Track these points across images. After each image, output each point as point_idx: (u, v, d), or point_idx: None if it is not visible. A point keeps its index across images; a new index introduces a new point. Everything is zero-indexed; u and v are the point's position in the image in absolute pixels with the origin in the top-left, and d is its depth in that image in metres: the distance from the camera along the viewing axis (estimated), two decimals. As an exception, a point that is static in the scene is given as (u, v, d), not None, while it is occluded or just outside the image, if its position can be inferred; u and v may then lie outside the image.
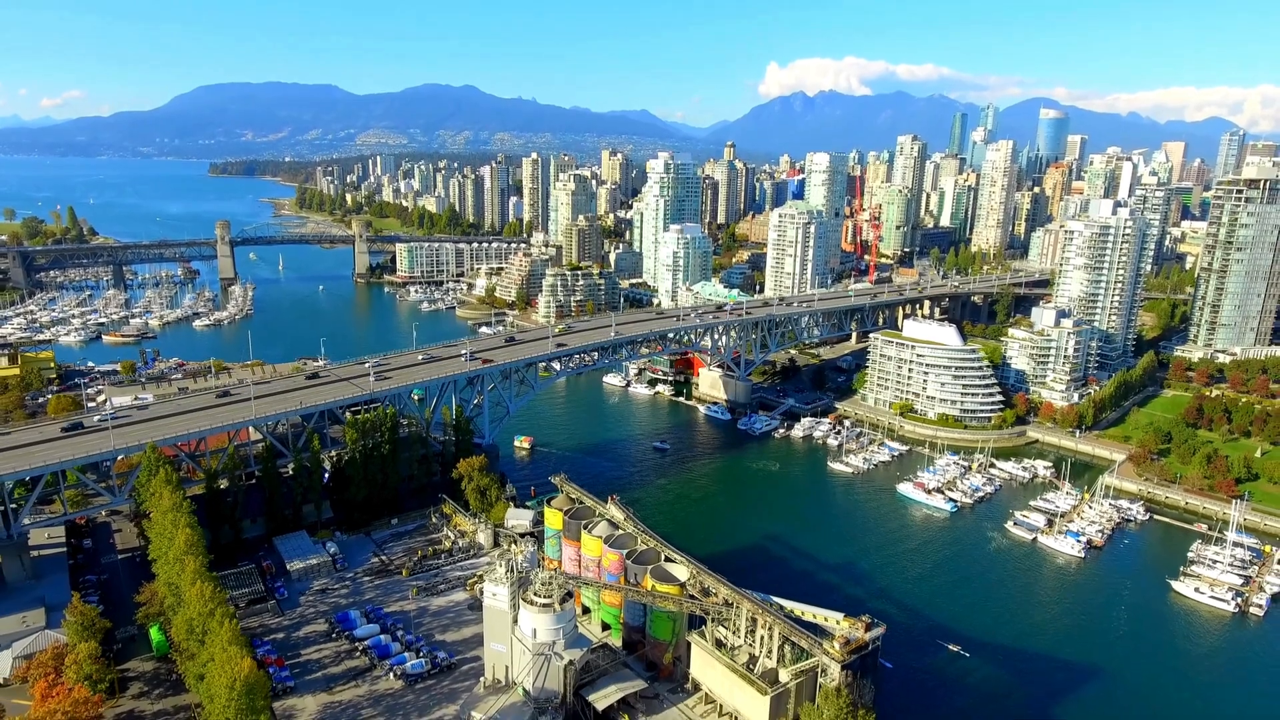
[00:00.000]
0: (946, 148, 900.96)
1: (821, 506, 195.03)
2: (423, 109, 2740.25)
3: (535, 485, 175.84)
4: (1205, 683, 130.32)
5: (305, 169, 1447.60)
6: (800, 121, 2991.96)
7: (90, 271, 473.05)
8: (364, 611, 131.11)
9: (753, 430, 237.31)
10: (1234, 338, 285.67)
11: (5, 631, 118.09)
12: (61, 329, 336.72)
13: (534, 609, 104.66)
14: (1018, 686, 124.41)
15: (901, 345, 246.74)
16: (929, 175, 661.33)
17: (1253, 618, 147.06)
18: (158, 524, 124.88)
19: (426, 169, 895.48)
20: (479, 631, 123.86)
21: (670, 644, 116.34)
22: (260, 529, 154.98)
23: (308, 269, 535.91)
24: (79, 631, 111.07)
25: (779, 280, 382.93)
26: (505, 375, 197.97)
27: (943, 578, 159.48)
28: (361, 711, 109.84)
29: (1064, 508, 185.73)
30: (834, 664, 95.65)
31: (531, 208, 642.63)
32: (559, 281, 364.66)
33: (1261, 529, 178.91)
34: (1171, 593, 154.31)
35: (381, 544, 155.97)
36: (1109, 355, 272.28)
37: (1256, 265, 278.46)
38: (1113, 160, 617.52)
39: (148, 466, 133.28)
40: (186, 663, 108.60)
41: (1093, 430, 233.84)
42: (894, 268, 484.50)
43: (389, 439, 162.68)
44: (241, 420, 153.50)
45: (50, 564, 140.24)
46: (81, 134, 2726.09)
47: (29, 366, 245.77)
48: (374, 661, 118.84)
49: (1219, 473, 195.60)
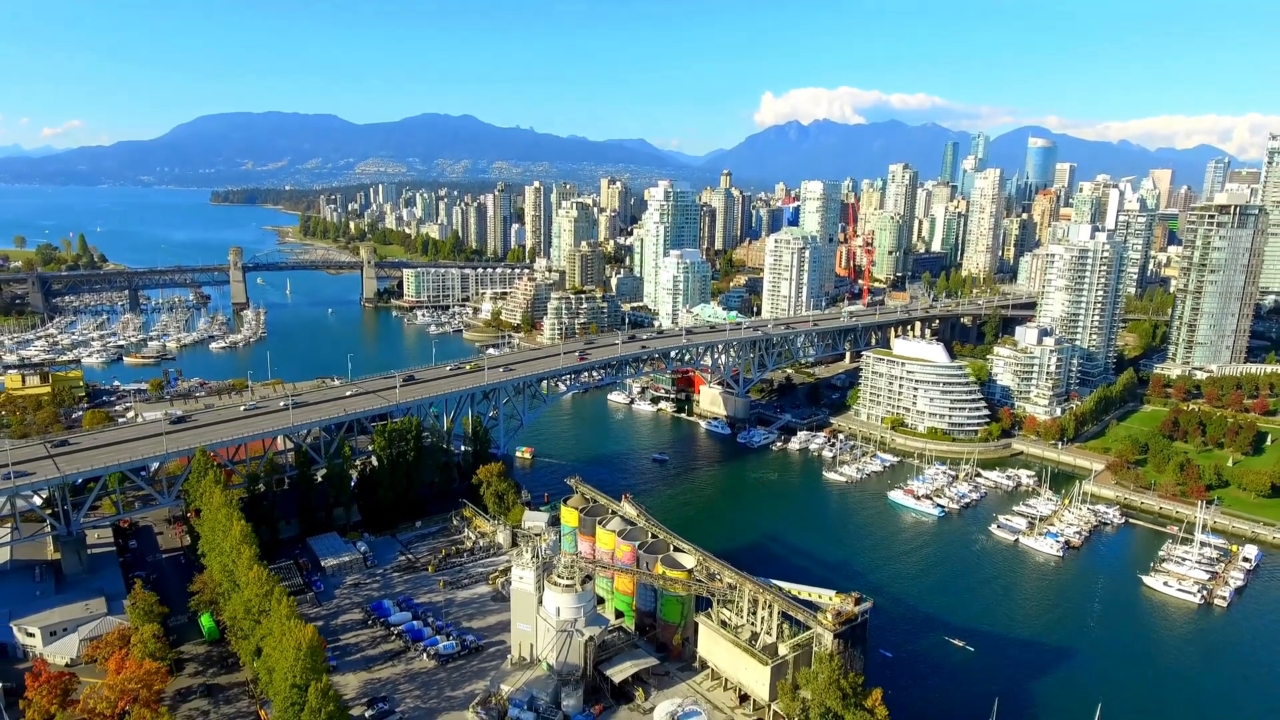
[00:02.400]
0: (939, 175, 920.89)
1: (817, 511, 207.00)
2: (422, 138, 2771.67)
3: (548, 492, 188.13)
4: (1170, 662, 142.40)
5: (306, 197, 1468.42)
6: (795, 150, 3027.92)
7: (104, 296, 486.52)
8: (396, 601, 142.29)
9: (751, 443, 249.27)
10: (1210, 355, 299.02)
11: (71, 617, 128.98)
12: (83, 351, 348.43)
13: (558, 589, 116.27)
14: (999, 667, 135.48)
15: (892, 362, 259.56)
16: (921, 202, 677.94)
17: (1217, 608, 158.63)
18: (209, 520, 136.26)
19: (429, 197, 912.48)
20: (501, 619, 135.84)
21: (679, 626, 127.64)
22: (295, 530, 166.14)
23: (315, 294, 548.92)
24: (141, 615, 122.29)
25: (775, 303, 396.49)
26: (518, 390, 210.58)
27: (931, 574, 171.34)
28: (399, 687, 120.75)
29: (1045, 512, 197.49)
30: (827, 633, 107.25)
31: (534, 234, 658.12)
32: (564, 305, 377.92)
33: (1230, 530, 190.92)
34: (1143, 587, 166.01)
35: (407, 544, 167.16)
36: (1090, 372, 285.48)
37: (1230, 286, 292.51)
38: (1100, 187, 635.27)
39: (198, 469, 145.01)
40: (241, 642, 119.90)
41: (1074, 442, 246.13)
42: (887, 291, 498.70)
43: (414, 447, 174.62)
44: (278, 428, 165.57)
45: (103, 560, 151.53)
46: (83, 163, 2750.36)
47: (59, 385, 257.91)
48: (408, 644, 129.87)
49: (1191, 480, 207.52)
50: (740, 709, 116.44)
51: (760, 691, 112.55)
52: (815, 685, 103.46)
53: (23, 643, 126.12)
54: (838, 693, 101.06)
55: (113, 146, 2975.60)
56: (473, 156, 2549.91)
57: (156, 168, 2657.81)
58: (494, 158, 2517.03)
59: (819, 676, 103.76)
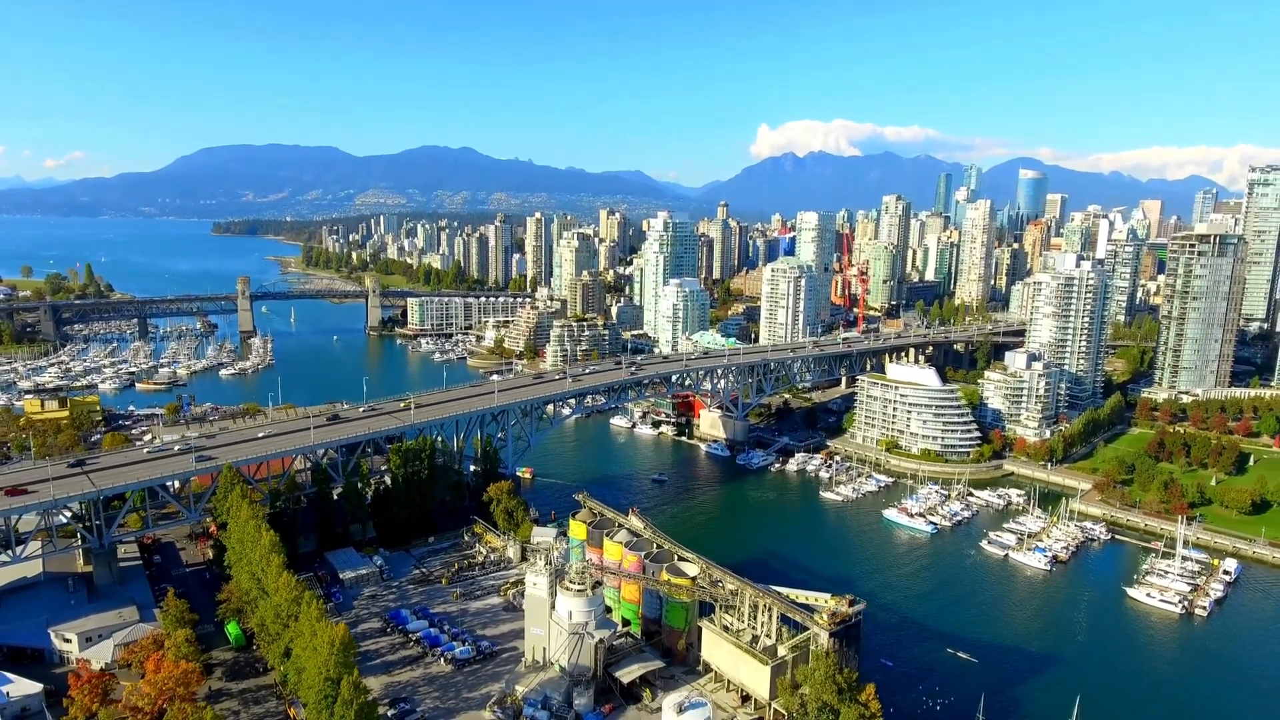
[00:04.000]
0: (932, 206, 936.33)
1: (814, 528, 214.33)
2: (421, 170, 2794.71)
3: (554, 510, 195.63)
4: (1151, 668, 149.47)
5: (307, 228, 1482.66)
6: (791, 181, 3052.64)
7: (113, 324, 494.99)
8: (413, 610, 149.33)
9: (750, 465, 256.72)
10: (1195, 380, 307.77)
11: (105, 624, 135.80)
12: (96, 377, 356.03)
13: (570, 594, 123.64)
14: (987, 670, 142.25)
15: (886, 386, 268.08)
16: (915, 232, 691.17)
17: (1197, 618, 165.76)
18: (236, 532, 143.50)
19: (430, 228, 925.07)
20: (513, 628, 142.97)
21: (684, 631, 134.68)
22: (313, 544, 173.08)
23: (318, 323, 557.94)
24: (173, 621, 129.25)
25: (773, 330, 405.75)
26: (525, 412, 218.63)
27: (923, 586, 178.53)
28: (419, 689, 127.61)
29: (1034, 529, 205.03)
30: (823, 633, 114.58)
31: (535, 264, 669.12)
32: (566, 332, 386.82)
33: (1212, 545, 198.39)
34: (1126, 598, 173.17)
35: (420, 559, 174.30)
36: (1079, 396, 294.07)
37: (1212, 312, 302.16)
38: (1091, 217, 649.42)
39: (225, 484, 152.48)
40: (270, 645, 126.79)
41: (1063, 463, 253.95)
42: (881, 319, 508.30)
43: (428, 465, 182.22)
44: (299, 447, 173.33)
45: (131, 573, 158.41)
46: (84, 194, 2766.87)
47: (78, 410, 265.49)
48: (426, 650, 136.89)
49: (1175, 497, 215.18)
50: (742, 709, 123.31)
51: (761, 691, 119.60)
52: (813, 681, 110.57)
53: (60, 648, 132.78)
54: (834, 688, 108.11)
55: (114, 178, 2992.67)
56: (471, 188, 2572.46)
57: (158, 199, 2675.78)
58: (493, 189, 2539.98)
59: (816, 673, 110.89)
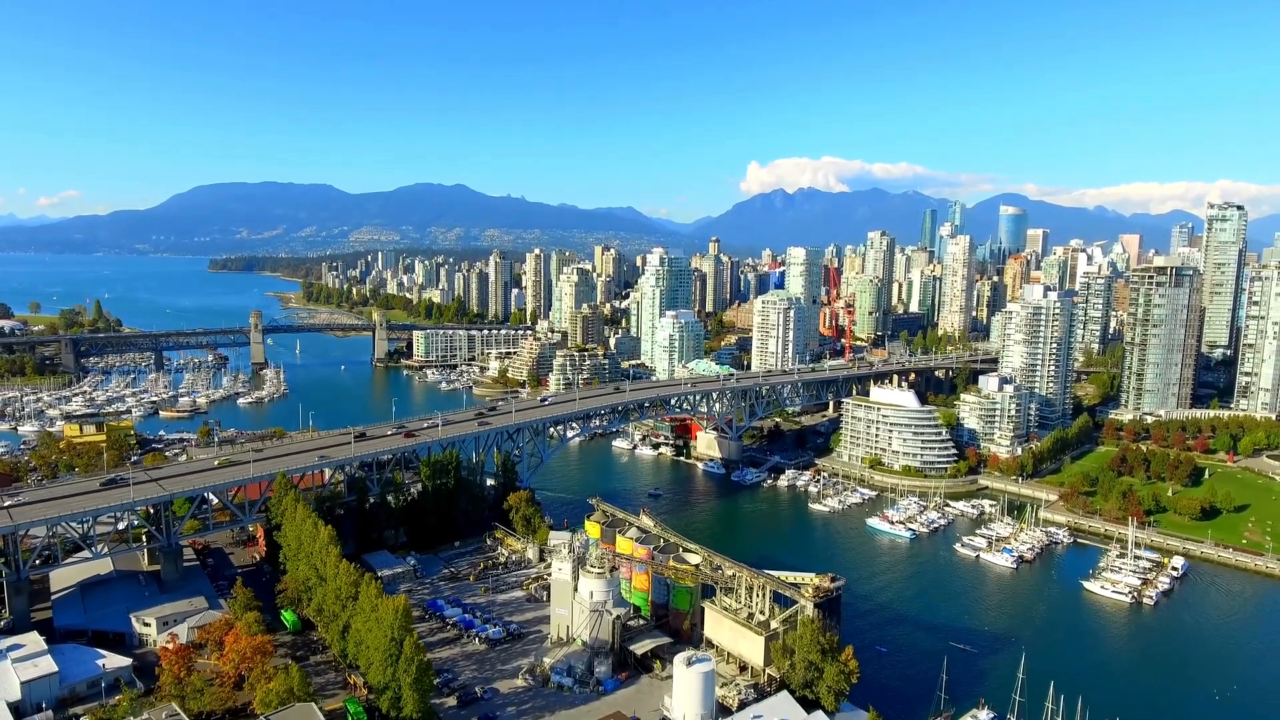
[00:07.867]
0: (919, 241, 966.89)
1: (803, 535, 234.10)
2: (415, 206, 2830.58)
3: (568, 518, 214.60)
4: (1102, 648, 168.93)
5: (304, 264, 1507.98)
6: (781, 217, 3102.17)
7: (127, 357, 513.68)
8: (447, 600, 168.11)
9: (744, 481, 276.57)
10: (1158, 402, 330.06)
11: (179, 611, 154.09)
12: (119, 406, 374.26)
13: (591, 576, 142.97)
14: (959, 654, 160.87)
15: (869, 408, 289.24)
16: (900, 266, 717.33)
17: (1145, 607, 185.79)
18: (291, 532, 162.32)
19: (429, 264, 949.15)
20: (536, 615, 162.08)
21: (689, 613, 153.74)
22: (351, 548, 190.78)
23: (324, 355, 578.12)
24: (242, 605, 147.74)
25: (764, 359, 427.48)
26: (536, 431, 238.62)
27: (902, 582, 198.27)
28: (458, 664, 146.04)
29: (1003, 534, 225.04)
30: (809, 604, 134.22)
31: (534, 298, 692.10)
32: (569, 361, 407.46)
33: (1165, 547, 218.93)
34: (1083, 590, 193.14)
35: (448, 560, 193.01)
36: (1049, 416, 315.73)
37: (1172, 339, 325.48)
38: (1070, 251, 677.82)
39: (279, 490, 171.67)
40: (330, 624, 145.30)
41: (1034, 478, 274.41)
42: (867, 349, 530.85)
43: (454, 477, 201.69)
44: (343, 458, 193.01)
45: (192, 571, 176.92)
46: (78, 232, 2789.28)
47: (114, 434, 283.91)
48: (462, 632, 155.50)
49: (1132, 505, 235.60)
50: (741, 677, 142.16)
51: (757, 659, 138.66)
52: (800, 644, 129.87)
53: (140, 631, 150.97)
54: (818, 648, 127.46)
55: (109, 215, 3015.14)
56: (465, 224, 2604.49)
57: (152, 236, 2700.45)
58: (486, 225, 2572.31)
59: (803, 637, 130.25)
